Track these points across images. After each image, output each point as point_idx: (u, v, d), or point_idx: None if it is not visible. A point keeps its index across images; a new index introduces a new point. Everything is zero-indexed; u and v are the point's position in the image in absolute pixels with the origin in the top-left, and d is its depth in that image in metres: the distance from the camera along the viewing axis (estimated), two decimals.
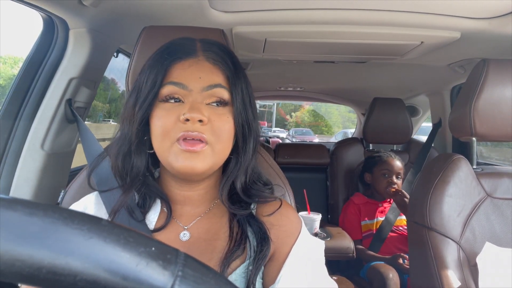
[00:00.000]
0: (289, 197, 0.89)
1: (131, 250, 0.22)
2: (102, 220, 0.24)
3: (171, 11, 1.20)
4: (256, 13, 1.25)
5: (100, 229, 0.23)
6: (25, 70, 1.18)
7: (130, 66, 0.91)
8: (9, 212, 0.22)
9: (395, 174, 2.00)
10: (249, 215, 0.66)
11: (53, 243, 0.21)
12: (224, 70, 0.63)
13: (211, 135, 0.59)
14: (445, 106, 2.34)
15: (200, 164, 0.58)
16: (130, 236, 0.23)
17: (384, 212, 2.02)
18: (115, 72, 2.14)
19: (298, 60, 1.95)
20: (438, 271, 1.06)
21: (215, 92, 0.61)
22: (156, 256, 0.23)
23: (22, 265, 0.21)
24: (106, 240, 0.22)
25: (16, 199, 0.23)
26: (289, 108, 17.99)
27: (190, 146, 0.57)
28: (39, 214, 0.22)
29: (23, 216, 0.22)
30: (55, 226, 0.22)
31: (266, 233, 0.63)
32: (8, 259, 0.21)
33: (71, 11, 1.10)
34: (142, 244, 0.23)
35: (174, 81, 0.61)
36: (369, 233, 1.99)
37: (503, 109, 1.12)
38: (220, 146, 0.61)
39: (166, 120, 0.59)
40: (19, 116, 1.16)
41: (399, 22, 1.28)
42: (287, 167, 2.28)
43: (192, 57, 0.63)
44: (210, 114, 0.59)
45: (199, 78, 0.61)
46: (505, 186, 1.14)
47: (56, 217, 0.22)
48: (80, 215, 0.23)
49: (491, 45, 1.42)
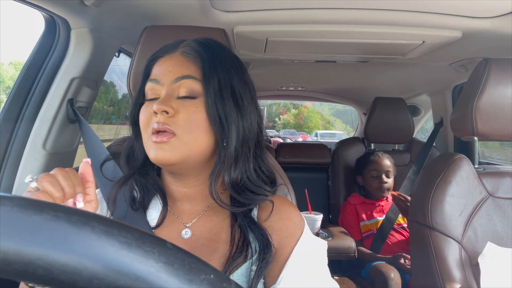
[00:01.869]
0: (290, 196, 0.89)
1: (195, 278, 0.23)
2: (167, 243, 0.24)
3: (172, 11, 1.20)
4: (257, 12, 1.25)
5: (168, 253, 0.23)
6: (27, 70, 1.18)
7: (131, 65, 0.91)
8: (87, 228, 0.22)
9: (384, 172, 2.01)
10: (250, 221, 0.65)
11: (129, 264, 0.22)
12: (196, 62, 0.63)
13: (177, 126, 0.60)
14: (447, 105, 2.34)
15: (168, 154, 0.60)
16: (193, 262, 0.24)
17: (383, 211, 2.02)
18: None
19: (299, 60, 1.95)
20: (440, 270, 1.06)
21: (183, 83, 0.62)
22: (215, 283, 0.23)
23: (100, 283, 0.21)
24: (174, 265, 0.23)
25: (92, 215, 0.23)
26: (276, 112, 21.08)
27: (157, 137, 0.60)
28: (114, 232, 0.23)
29: (102, 235, 0.22)
30: (129, 247, 0.22)
31: (269, 240, 0.63)
32: (87, 276, 0.21)
33: (73, 11, 1.11)
34: (203, 271, 0.23)
35: (151, 78, 0.65)
36: (370, 233, 1.99)
37: (505, 109, 1.11)
38: (188, 137, 0.60)
39: (144, 115, 0.63)
40: (21, 115, 1.17)
41: (400, 22, 1.28)
42: (288, 167, 2.28)
43: (169, 54, 0.65)
44: (178, 106, 0.61)
45: (169, 71, 0.63)
46: (507, 186, 1.13)
47: (130, 237, 0.23)
48: (148, 236, 0.24)
49: (493, 44, 1.41)
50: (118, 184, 0.66)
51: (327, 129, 16.60)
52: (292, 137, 9.91)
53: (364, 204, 2.06)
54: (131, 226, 0.24)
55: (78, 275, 0.21)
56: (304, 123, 19.93)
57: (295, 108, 19.66)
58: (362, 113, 3.55)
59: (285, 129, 18.26)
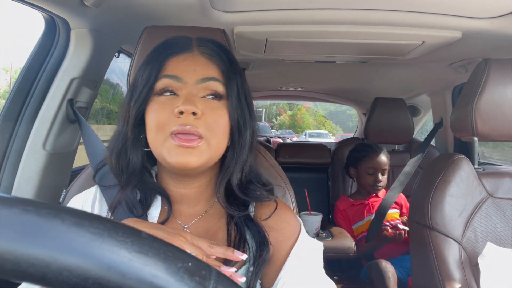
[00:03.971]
0: (290, 197, 0.89)
1: (170, 265, 0.23)
2: (142, 232, 0.24)
3: (172, 11, 1.20)
4: (257, 13, 1.25)
5: (142, 242, 0.23)
6: (26, 70, 1.18)
7: (131, 66, 0.91)
8: (57, 221, 0.22)
9: (381, 171, 1.96)
10: (247, 218, 0.65)
11: (100, 254, 0.22)
12: (219, 64, 0.63)
13: (205, 129, 0.58)
14: (447, 106, 2.34)
15: (195, 159, 0.58)
16: (169, 251, 0.23)
17: (374, 209, 1.97)
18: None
19: (299, 60, 1.95)
20: (440, 271, 1.06)
21: (209, 85, 0.61)
22: (193, 272, 0.23)
23: (70, 274, 0.21)
24: (148, 254, 0.22)
25: (64, 208, 0.23)
26: (276, 112, 22.98)
27: (185, 141, 0.57)
28: (85, 224, 0.22)
29: (72, 227, 0.22)
30: (101, 238, 0.22)
31: (265, 236, 0.63)
32: (56, 268, 0.21)
33: (73, 11, 1.11)
34: (180, 259, 0.23)
35: (169, 74, 0.61)
36: (362, 236, 1.95)
37: (505, 109, 1.12)
38: (215, 141, 0.60)
39: (160, 114, 0.59)
40: (21, 116, 1.17)
41: (400, 22, 1.28)
42: (288, 167, 2.28)
43: (187, 52, 0.63)
44: (204, 107, 0.59)
45: (194, 70, 0.61)
46: (507, 186, 1.14)
47: (102, 228, 0.23)
48: (123, 226, 0.23)
49: (492, 44, 1.42)
50: (119, 195, 0.63)
51: (319, 129, 18.04)
52: (290, 137, 10.92)
53: (354, 207, 2.01)
54: (105, 217, 0.24)
55: (46, 268, 0.21)
56: (297, 124, 21.42)
57: (290, 109, 21.30)
58: (362, 113, 3.55)
59: (281, 129, 19.40)
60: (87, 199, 0.69)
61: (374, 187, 1.98)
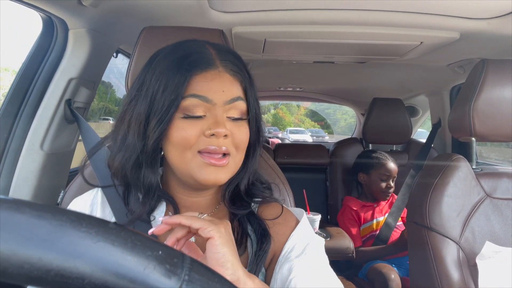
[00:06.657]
0: (288, 197, 0.89)
1: (138, 254, 0.23)
2: (109, 223, 0.24)
3: (170, 12, 1.20)
4: (255, 13, 1.25)
5: (108, 233, 0.23)
6: (24, 70, 1.17)
7: (129, 66, 0.91)
8: (17, 214, 0.22)
9: (392, 178, 2.00)
10: (249, 213, 0.67)
11: (61, 246, 0.21)
12: (242, 81, 0.63)
13: (232, 147, 0.61)
14: (445, 106, 2.34)
15: (224, 176, 0.60)
16: (138, 240, 0.23)
17: (382, 211, 2.01)
18: None
19: (297, 61, 1.95)
20: (438, 271, 1.07)
21: (236, 105, 0.61)
22: (163, 260, 0.23)
23: (31, 267, 0.21)
24: (114, 243, 0.22)
25: (23, 201, 0.23)
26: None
27: (216, 160, 0.59)
28: (47, 216, 0.22)
29: (32, 219, 0.22)
30: (63, 229, 0.22)
31: (266, 229, 0.65)
32: (16, 261, 0.21)
33: (71, 12, 1.10)
34: (149, 248, 0.23)
35: (197, 94, 0.59)
36: (370, 235, 1.98)
37: (503, 109, 1.12)
38: (239, 157, 0.63)
39: (188, 133, 0.58)
40: (19, 116, 1.16)
41: (398, 23, 1.28)
42: (286, 167, 2.28)
43: (213, 68, 0.60)
44: (231, 127, 0.60)
45: (222, 91, 0.60)
46: (505, 186, 1.14)
47: (65, 219, 0.22)
48: (88, 218, 0.23)
49: (490, 45, 1.42)
50: (139, 212, 0.62)
51: (299, 127, 19.77)
52: (276, 133, 12.38)
53: (365, 207, 2.03)
54: (70, 210, 0.24)
55: (6, 261, 0.21)
56: (279, 122, 22.58)
57: (274, 108, 22.30)
58: (360, 113, 3.56)
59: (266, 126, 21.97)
60: (94, 202, 0.69)
61: (385, 194, 1.99)
